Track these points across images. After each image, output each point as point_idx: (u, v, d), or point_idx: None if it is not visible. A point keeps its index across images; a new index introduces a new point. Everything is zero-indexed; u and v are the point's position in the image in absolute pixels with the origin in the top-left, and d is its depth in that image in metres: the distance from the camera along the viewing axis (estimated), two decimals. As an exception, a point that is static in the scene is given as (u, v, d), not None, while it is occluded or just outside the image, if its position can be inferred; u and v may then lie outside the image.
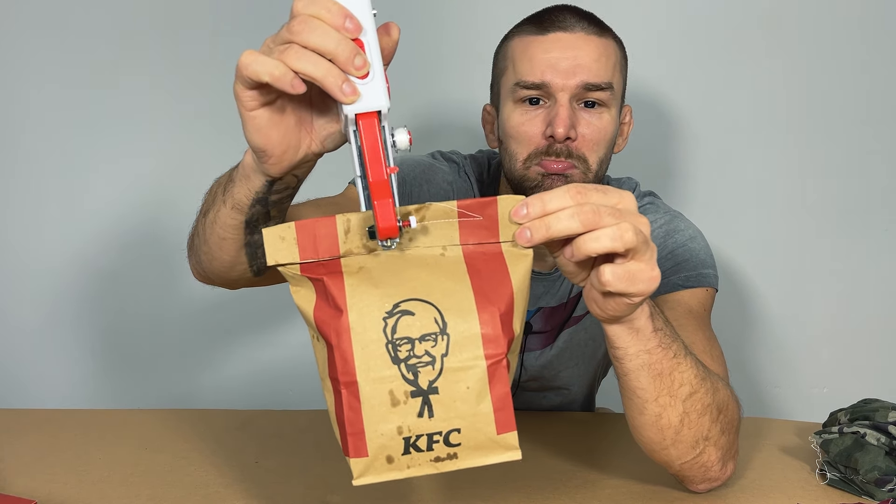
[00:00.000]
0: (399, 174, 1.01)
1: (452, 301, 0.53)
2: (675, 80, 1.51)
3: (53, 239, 1.59)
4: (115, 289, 1.61)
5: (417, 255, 0.55)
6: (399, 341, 0.52)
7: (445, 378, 0.52)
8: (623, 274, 0.56)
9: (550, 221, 0.54)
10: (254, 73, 0.53)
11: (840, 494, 0.79)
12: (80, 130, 1.56)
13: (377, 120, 0.53)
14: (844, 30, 1.49)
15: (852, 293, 1.59)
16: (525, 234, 0.55)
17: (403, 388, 0.52)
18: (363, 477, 0.53)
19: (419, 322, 0.53)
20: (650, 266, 0.57)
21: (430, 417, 0.52)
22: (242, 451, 0.90)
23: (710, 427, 0.72)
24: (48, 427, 0.97)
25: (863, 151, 1.54)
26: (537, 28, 0.92)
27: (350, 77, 0.52)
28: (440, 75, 1.52)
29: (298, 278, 0.55)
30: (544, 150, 0.91)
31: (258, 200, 0.68)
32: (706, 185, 1.55)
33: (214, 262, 0.76)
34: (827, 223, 1.56)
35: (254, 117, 0.58)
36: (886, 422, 0.80)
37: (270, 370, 1.66)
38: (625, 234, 0.55)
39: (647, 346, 0.65)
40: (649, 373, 0.67)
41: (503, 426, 0.53)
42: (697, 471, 0.75)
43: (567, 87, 0.89)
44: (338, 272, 0.54)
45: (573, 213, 0.54)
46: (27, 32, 1.52)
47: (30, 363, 1.64)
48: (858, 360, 1.61)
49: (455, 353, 0.52)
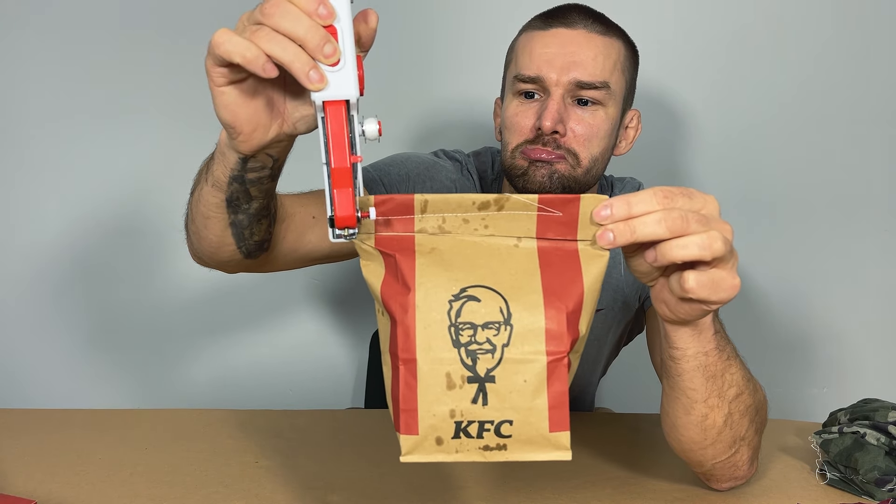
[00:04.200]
0: (403, 171, 1.01)
1: (520, 293, 0.53)
2: (680, 79, 1.51)
3: (53, 239, 1.59)
4: (115, 289, 1.61)
5: (491, 244, 0.55)
6: (462, 325, 0.52)
7: (504, 368, 0.52)
8: (707, 282, 0.56)
9: (636, 225, 0.53)
10: (225, 52, 0.53)
11: (840, 494, 0.79)
12: (70, 125, 1.55)
13: (345, 108, 0.53)
14: (849, 29, 1.49)
15: (852, 293, 1.59)
16: (608, 236, 0.54)
17: (461, 373, 0.52)
18: (411, 454, 0.53)
19: (484, 309, 0.53)
20: (732, 274, 0.56)
21: (483, 405, 0.52)
22: (242, 451, 0.90)
23: (747, 427, 0.73)
24: (48, 427, 0.97)
25: (864, 151, 1.54)
26: (542, 23, 0.94)
27: (319, 64, 0.52)
28: (443, 71, 1.53)
29: (370, 252, 0.55)
30: (532, 140, 0.92)
31: (234, 178, 0.68)
32: (707, 185, 1.55)
33: (203, 242, 0.76)
34: (828, 223, 1.56)
35: (223, 93, 0.57)
36: (886, 422, 0.80)
37: (270, 370, 1.66)
38: (714, 243, 0.54)
39: (706, 347, 0.66)
40: (704, 374, 0.67)
41: (556, 424, 0.52)
42: (727, 470, 0.75)
43: (560, 82, 0.90)
44: (410, 250, 0.54)
45: (660, 218, 0.53)
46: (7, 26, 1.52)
47: (29, 363, 1.64)
48: (858, 360, 1.61)
49: (516, 344, 0.52)
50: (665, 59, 1.50)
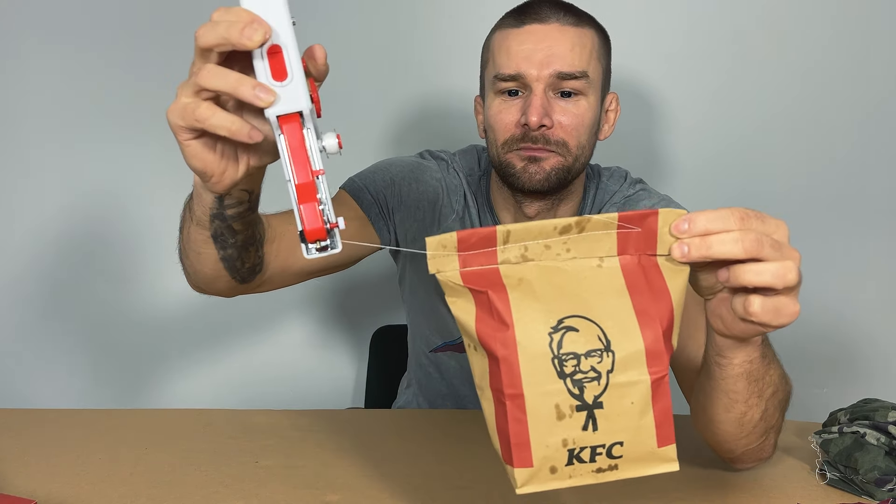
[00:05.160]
0: (387, 176, 1.04)
1: (615, 319, 0.54)
2: (670, 74, 1.51)
3: (54, 238, 1.59)
4: (115, 288, 1.61)
5: (575, 267, 0.55)
6: (565, 356, 0.53)
7: (610, 393, 0.53)
8: (771, 308, 0.57)
9: (712, 242, 0.55)
10: (211, 126, 0.55)
11: (840, 494, 0.79)
12: (70, 126, 1.56)
13: (300, 122, 0.54)
14: (835, 23, 1.49)
15: (852, 293, 1.59)
16: (683, 249, 0.55)
17: (569, 402, 0.53)
18: (527, 486, 0.53)
19: (583, 338, 0.53)
20: (794, 301, 0.58)
21: (594, 431, 0.53)
22: (242, 451, 0.90)
23: (778, 418, 0.77)
24: (48, 427, 0.97)
25: (863, 150, 1.54)
26: (515, 20, 0.95)
27: (265, 82, 0.53)
28: (438, 66, 1.53)
29: (457, 288, 0.55)
30: (520, 136, 0.94)
31: (215, 216, 0.71)
32: (703, 181, 1.55)
33: (199, 275, 0.81)
34: (827, 222, 1.56)
35: (189, 145, 0.59)
36: (886, 422, 0.80)
37: (270, 370, 1.66)
38: (788, 273, 0.56)
39: (751, 356, 0.68)
40: (748, 379, 0.69)
41: (663, 440, 0.54)
42: (755, 454, 0.79)
43: (541, 77, 0.92)
44: (500, 284, 0.54)
45: (737, 238, 0.55)
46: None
47: (29, 363, 1.64)
48: (858, 360, 1.61)
49: (620, 370, 0.53)
50: (654, 51, 1.50)
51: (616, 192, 1.06)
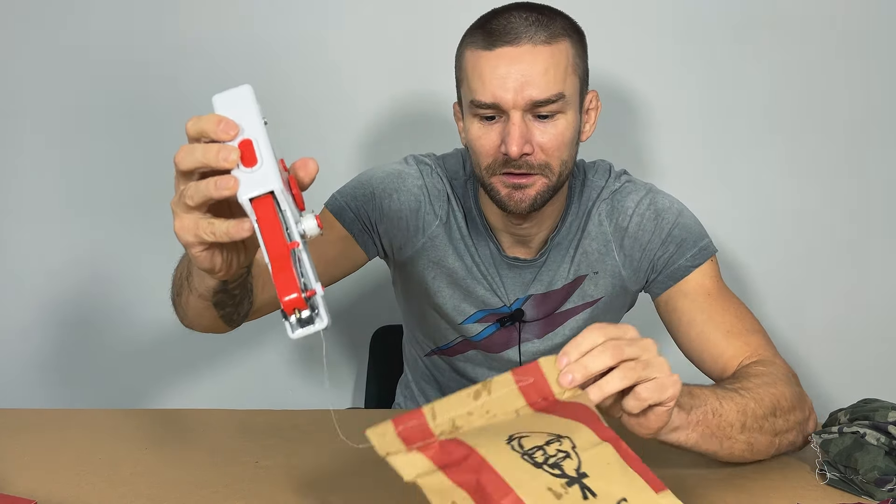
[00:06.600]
0: (367, 190, 1.05)
1: (552, 428, 0.58)
2: (660, 75, 1.51)
3: (56, 237, 1.59)
4: (115, 288, 1.61)
5: (497, 421, 0.59)
6: (531, 451, 0.56)
7: (587, 462, 0.55)
8: (653, 386, 0.64)
9: (587, 362, 0.62)
10: (219, 237, 0.59)
11: (840, 494, 0.79)
12: (69, 129, 1.56)
13: (273, 201, 0.57)
14: (821, 21, 1.50)
15: (852, 293, 1.59)
16: (567, 378, 0.61)
17: (558, 482, 0.54)
18: None
19: (536, 438, 0.57)
20: (667, 374, 0.65)
21: (594, 497, 0.54)
22: (242, 451, 0.90)
23: (772, 427, 0.82)
24: (48, 427, 0.97)
25: (862, 150, 1.54)
26: (485, 41, 0.92)
27: (236, 170, 0.56)
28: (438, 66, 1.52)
29: (416, 462, 0.57)
30: (502, 161, 0.94)
31: (218, 291, 0.75)
32: (687, 180, 1.55)
33: (196, 327, 0.88)
34: (827, 222, 1.56)
35: (200, 255, 0.63)
36: (886, 422, 0.80)
37: (270, 370, 1.66)
38: (667, 389, 0.64)
39: (692, 429, 0.75)
40: (710, 437, 0.77)
41: (656, 486, 0.56)
42: (783, 449, 0.86)
43: (517, 104, 0.91)
44: (445, 442, 0.57)
45: (602, 349, 0.62)
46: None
47: (29, 363, 1.64)
48: (858, 360, 1.61)
49: (580, 444, 0.57)
50: (640, 51, 1.50)
51: (603, 188, 1.06)
